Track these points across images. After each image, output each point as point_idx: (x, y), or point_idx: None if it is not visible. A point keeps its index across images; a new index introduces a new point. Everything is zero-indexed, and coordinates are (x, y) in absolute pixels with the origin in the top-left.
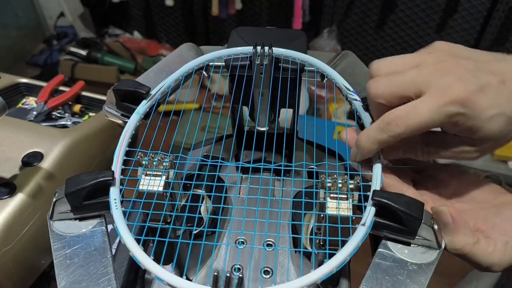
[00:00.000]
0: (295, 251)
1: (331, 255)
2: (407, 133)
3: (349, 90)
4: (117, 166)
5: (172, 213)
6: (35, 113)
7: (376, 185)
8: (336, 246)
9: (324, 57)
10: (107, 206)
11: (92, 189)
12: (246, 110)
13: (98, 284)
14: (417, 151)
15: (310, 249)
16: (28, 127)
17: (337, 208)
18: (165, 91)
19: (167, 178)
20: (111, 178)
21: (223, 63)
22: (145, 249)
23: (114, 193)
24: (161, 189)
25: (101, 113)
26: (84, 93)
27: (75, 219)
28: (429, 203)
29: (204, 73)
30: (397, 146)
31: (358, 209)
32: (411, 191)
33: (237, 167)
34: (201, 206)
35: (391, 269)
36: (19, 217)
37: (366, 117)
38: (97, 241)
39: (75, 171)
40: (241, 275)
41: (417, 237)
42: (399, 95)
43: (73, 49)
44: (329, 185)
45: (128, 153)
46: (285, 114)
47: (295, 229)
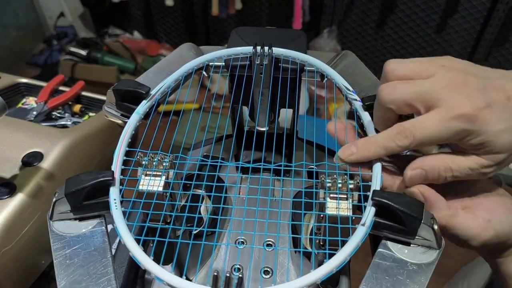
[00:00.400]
0: (295, 251)
1: (331, 255)
2: (415, 145)
3: (349, 90)
4: (117, 166)
5: (172, 213)
6: (35, 113)
7: (376, 185)
8: (336, 246)
9: (324, 57)
10: (107, 206)
11: (92, 189)
12: (246, 110)
13: (98, 284)
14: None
15: (310, 249)
16: (28, 127)
17: (337, 208)
18: (165, 91)
19: (167, 178)
20: (111, 178)
21: (223, 63)
22: (145, 249)
23: (114, 193)
24: (161, 189)
25: (101, 113)
26: (84, 93)
27: (75, 219)
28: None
29: (204, 73)
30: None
31: (358, 209)
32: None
33: (237, 167)
34: (201, 206)
35: (391, 269)
36: (19, 217)
37: (366, 117)
38: (97, 241)
39: (75, 171)
40: (241, 275)
41: (417, 237)
42: (410, 104)
43: (73, 49)
44: (329, 185)
45: (128, 153)
46: (285, 114)
47: (295, 229)
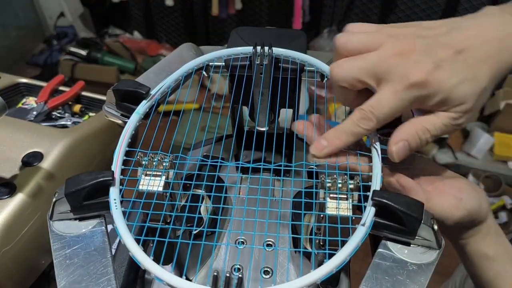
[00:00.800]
0: (295, 251)
1: (331, 255)
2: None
3: None
4: (117, 166)
5: (172, 213)
6: (35, 113)
7: (376, 185)
8: (336, 246)
9: (324, 57)
10: (107, 206)
11: (92, 189)
12: (246, 110)
13: (98, 284)
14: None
15: (310, 249)
16: (28, 127)
17: (337, 208)
18: (165, 91)
19: (167, 178)
20: (111, 178)
21: (223, 63)
22: (145, 249)
23: (114, 193)
24: (161, 189)
25: (101, 113)
26: (84, 93)
27: (75, 219)
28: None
29: (204, 73)
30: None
31: (358, 209)
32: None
33: (237, 167)
34: (201, 206)
35: (391, 269)
36: (19, 217)
37: None
38: (97, 241)
39: (75, 171)
40: (241, 275)
41: (417, 237)
42: (360, 80)
43: (73, 49)
44: (328, 185)
45: (128, 153)
46: (285, 114)
47: (295, 229)
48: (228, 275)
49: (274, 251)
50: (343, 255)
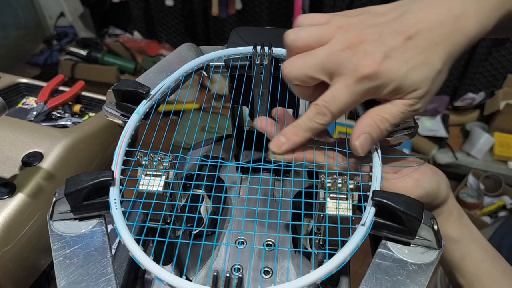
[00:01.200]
0: (295, 251)
1: (331, 255)
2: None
3: None
4: (117, 166)
5: (172, 213)
6: (35, 113)
7: (376, 185)
8: (336, 246)
9: None
10: (107, 206)
11: (92, 189)
12: (246, 110)
13: (98, 284)
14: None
15: (310, 249)
16: (28, 127)
17: (337, 208)
18: (165, 91)
19: (167, 178)
20: (111, 178)
21: (223, 63)
22: (145, 249)
23: (114, 193)
24: (161, 189)
25: (101, 113)
26: (84, 93)
27: (75, 219)
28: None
29: (204, 73)
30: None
31: (358, 209)
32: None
33: (237, 167)
34: (201, 206)
35: (391, 269)
36: (19, 217)
37: None
38: (97, 241)
39: (75, 171)
40: (241, 275)
41: (417, 237)
42: (313, 77)
43: (73, 49)
44: (328, 185)
45: (128, 153)
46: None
47: (295, 229)
48: (228, 275)
49: (274, 251)
50: (343, 255)
